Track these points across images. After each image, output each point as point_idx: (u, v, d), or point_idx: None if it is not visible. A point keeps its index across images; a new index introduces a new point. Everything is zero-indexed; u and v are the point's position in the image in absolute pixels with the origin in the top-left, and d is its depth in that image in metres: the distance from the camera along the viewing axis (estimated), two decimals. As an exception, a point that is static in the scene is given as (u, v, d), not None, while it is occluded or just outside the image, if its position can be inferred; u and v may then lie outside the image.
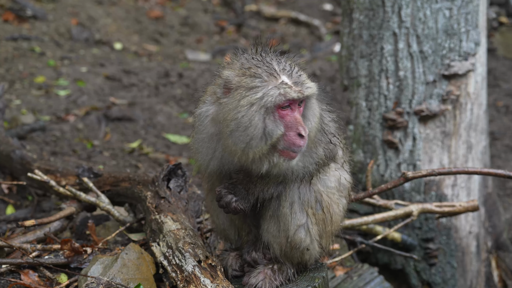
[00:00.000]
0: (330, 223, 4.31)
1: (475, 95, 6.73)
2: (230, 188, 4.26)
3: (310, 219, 4.23)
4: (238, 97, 3.91)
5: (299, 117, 3.93)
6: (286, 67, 3.97)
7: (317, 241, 4.30)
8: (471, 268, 6.99)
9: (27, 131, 8.59)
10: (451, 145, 6.68)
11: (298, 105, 3.95)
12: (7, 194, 6.88)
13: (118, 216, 5.47)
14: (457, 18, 6.53)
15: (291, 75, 3.93)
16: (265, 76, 3.91)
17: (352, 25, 6.72)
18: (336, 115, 4.45)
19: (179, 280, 4.32)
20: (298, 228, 4.23)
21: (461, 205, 5.99)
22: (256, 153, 3.93)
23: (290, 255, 4.32)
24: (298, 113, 3.95)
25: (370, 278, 6.00)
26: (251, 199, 4.24)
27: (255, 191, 4.22)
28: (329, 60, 12.37)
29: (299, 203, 4.21)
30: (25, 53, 11.33)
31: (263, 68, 3.94)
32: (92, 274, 4.57)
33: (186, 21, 14.82)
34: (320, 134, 4.17)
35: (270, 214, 4.27)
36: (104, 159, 8.38)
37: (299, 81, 3.93)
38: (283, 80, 3.90)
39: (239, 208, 4.22)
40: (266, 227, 4.32)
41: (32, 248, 5.01)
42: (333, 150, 4.29)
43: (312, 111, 4.05)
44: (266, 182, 4.19)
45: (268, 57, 4.04)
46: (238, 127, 3.89)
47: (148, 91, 10.77)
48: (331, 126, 4.32)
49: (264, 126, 3.88)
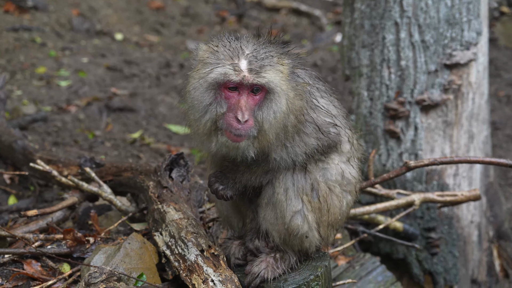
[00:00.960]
0: (327, 213, 4.30)
1: (476, 84, 6.72)
2: (218, 176, 4.34)
3: (306, 205, 4.23)
4: (195, 71, 4.03)
5: (244, 103, 3.95)
6: (255, 54, 3.98)
7: (316, 229, 4.30)
8: (472, 258, 7.00)
9: (28, 122, 8.59)
10: (452, 134, 6.68)
11: (252, 92, 3.97)
12: (9, 185, 6.90)
13: (120, 206, 5.47)
14: (458, 8, 6.51)
15: (252, 61, 3.95)
16: (223, 55, 3.97)
17: (353, 15, 6.70)
18: (344, 112, 4.43)
19: (182, 269, 4.33)
20: (294, 214, 4.23)
21: (463, 194, 5.99)
22: (202, 128, 4.01)
23: (289, 243, 4.33)
24: (248, 100, 3.97)
25: (372, 267, 6.01)
26: (238, 187, 4.31)
27: (242, 180, 4.28)
28: (330, 50, 12.36)
29: (293, 189, 4.21)
30: (26, 44, 11.32)
31: (227, 48, 4.01)
32: (94, 264, 4.58)
33: (187, 12, 14.80)
34: (306, 126, 4.15)
35: (266, 201, 4.29)
36: (106, 150, 8.39)
37: (255, 69, 3.94)
38: (236, 63, 3.94)
39: (226, 196, 4.30)
40: (263, 215, 4.33)
41: (34, 238, 5.02)
42: (330, 142, 4.25)
43: (273, 103, 4.00)
44: (253, 171, 4.24)
45: (245, 41, 4.08)
46: (191, 100, 4.01)
47: (149, 82, 10.77)
48: (325, 120, 4.24)
49: (208, 102, 3.96)
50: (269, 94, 3.99)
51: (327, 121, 4.23)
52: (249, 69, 3.93)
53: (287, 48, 4.18)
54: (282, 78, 4.00)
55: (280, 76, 3.99)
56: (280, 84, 3.98)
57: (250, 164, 4.20)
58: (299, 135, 4.14)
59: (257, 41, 4.11)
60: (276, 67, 3.99)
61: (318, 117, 4.21)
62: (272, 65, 3.98)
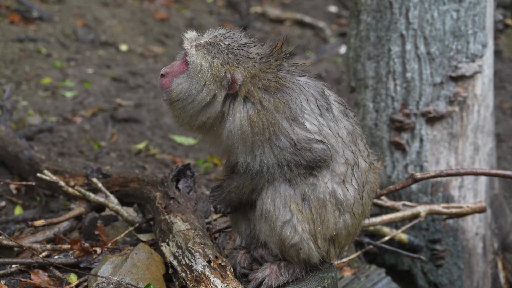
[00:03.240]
0: (321, 224, 4.24)
1: (482, 96, 6.74)
2: (215, 189, 4.48)
3: (296, 215, 4.19)
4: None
5: (174, 63, 4.27)
6: (215, 37, 4.20)
7: (311, 240, 4.25)
8: (477, 270, 7.00)
9: (34, 132, 8.61)
10: (458, 146, 6.70)
11: (184, 61, 4.21)
12: (16, 195, 6.91)
13: (127, 216, 5.48)
14: (464, 20, 6.54)
15: (203, 38, 4.21)
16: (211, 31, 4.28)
17: (359, 26, 6.73)
18: (355, 134, 4.38)
19: (189, 280, 4.34)
20: (283, 224, 4.20)
21: (469, 206, 6.00)
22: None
23: (287, 253, 4.32)
24: (180, 65, 4.23)
25: (377, 279, 6.01)
26: (227, 203, 4.41)
27: (231, 196, 4.37)
28: (335, 62, 12.39)
29: (280, 198, 4.18)
30: (31, 54, 11.36)
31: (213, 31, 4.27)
32: (102, 274, 4.59)
33: (191, 23, 14.84)
34: (279, 139, 4.13)
35: (259, 213, 4.28)
36: (111, 160, 8.41)
37: (198, 43, 4.19)
38: (199, 34, 4.26)
39: (219, 211, 4.43)
40: (259, 228, 4.33)
41: (42, 248, 5.03)
42: (314, 158, 4.16)
43: (187, 80, 4.19)
44: (240, 187, 4.31)
45: (226, 30, 4.29)
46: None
47: (154, 93, 10.80)
48: (305, 135, 4.17)
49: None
50: (188, 70, 4.18)
51: (308, 137, 4.16)
52: (196, 40, 4.21)
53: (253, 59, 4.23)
54: (206, 67, 4.13)
55: (205, 63, 4.13)
56: (198, 67, 4.14)
57: (238, 172, 4.29)
58: (270, 146, 4.13)
59: (240, 38, 4.25)
60: (210, 56, 4.13)
61: (296, 132, 4.15)
62: (209, 51, 4.14)
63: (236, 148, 4.17)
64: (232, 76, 4.11)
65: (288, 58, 4.33)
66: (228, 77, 4.11)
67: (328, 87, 4.44)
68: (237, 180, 4.32)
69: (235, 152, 4.19)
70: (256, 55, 4.19)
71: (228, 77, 4.11)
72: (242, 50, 4.16)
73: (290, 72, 4.29)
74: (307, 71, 4.39)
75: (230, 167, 4.45)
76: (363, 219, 4.48)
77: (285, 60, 4.30)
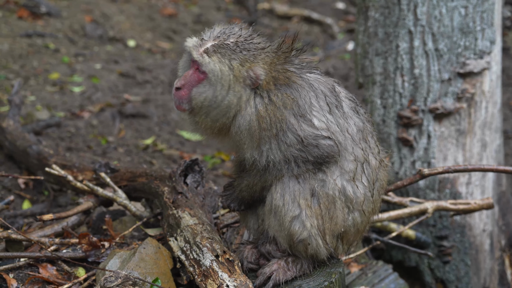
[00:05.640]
0: (329, 220, 4.26)
1: (490, 93, 6.73)
2: (226, 188, 4.53)
3: (305, 211, 4.20)
4: None
5: (186, 74, 4.18)
6: (221, 37, 4.14)
7: (319, 236, 4.26)
8: (484, 266, 7.00)
9: (42, 127, 8.63)
10: (465, 143, 6.69)
11: (198, 71, 4.14)
12: (24, 189, 6.93)
13: (135, 211, 5.50)
14: (472, 16, 6.53)
15: (208, 41, 4.15)
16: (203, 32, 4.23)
17: (367, 23, 6.73)
18: (366, 131, 4.39)
19: (197, 274, 4.35)
20: (292, 219, 4.22)
21: (476, 203, 6.00)
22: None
23: (295, 248, 4.33)
24: (193, 74, 4.15)
25: (384, 275, 6.01)
26: (239, 201, 4.45)
27: (242, 194, 4.41)
28: (342, 58, 12.38)
29: (289, 193, 4.19)
30: (39, 50, 11.38)
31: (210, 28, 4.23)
32: (110, 268, 4.61)
33: (199, 19, 14.85)
34: (286, 136, 4.14)
35: (268, 208, 4.29)
36: (119, 155, 8.42)
37: (207, 49, 4.12)
38: (199, 38, 4.19)
39: (231, 208, 4.46)
40: (268, 223, 4.35)
41: (50, 242, 5.05)
42: (321, 154, 4.17)
43: (207, 87, 4.14)
44: (250, 185, 4.33)
45: (230, 27, 4.23)
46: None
47: (162, 88, 10.81)
48: (312, 132, 4.18)
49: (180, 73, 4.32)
50: (208, 78, 4.11)
51: (315, 133, 4.17)
52: (201, 46, 4.13)
53: (268, 53, 4.21)
54: (226, 71, 4.08)
55: (224, 67, 4.08)
56: (218, 73, 4.09)
57: (248, 170, 4.29)
58: (277, 142, 4.14)
59: (241, 31, 4.21)
60: (226, 59, 4.09)
61: (303, 129, 4.15)
62: (223, 55, 4.09)
63: (243, 144, 4.18)
64: (254, 73, 4.11)
65: (297, 55, 4.32)
66: (251, 74, 4.11)
67: (339, 83, 4.43)
68: (247, 179, 4.34)
69: (242, 147, 4.20)
70: (264, 44, 4.21)
71: (251, 75, 4.11)
72: (252, 44, 4.16)
73: (300, 68, 4.28)
74: (317, 68, 4.39)
75: (239, 163, 4.46)
76: (372, 216, 4.49)
77: (295, 56, 4.30)
